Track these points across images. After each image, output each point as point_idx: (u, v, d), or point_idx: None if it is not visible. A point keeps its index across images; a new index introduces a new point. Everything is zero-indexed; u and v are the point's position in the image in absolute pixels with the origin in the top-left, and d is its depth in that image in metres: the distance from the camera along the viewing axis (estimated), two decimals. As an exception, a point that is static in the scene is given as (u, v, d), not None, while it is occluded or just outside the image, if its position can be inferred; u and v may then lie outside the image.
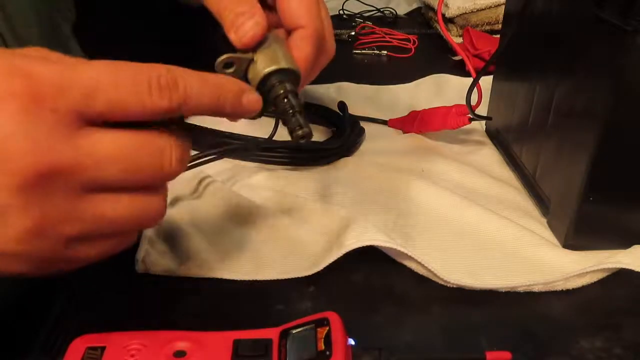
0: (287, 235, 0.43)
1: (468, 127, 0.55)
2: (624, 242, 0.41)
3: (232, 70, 0.33)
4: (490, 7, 0.87)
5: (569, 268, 0.40)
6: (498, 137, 0.57)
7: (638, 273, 0.39)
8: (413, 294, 0.39)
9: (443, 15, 0.90)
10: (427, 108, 0.58)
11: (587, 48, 0.39)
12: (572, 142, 0.41)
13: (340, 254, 0.40)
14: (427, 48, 0.90)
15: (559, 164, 0.43)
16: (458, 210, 0.46)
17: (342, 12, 1.07)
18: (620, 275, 0.39)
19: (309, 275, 0.40)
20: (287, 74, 0.34)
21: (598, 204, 0.40)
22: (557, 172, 0.44)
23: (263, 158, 0.53)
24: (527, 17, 0.48)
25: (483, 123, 0.61)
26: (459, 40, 0.85)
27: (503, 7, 0.73)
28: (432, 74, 0.75)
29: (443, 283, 0.39)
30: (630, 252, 0.40)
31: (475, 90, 0.50)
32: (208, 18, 0.36)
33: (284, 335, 0.31)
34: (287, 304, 0.38)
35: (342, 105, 0.59)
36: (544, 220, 0.46)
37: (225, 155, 0.51)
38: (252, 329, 0.32)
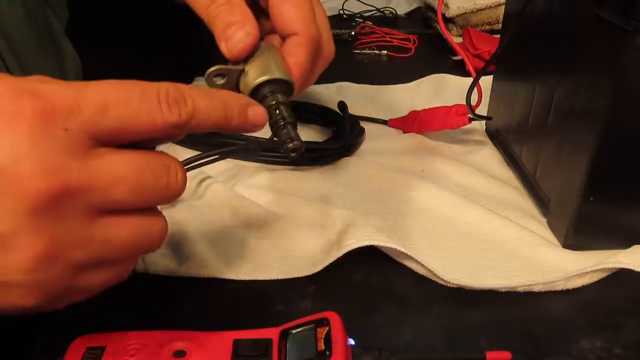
0: (287, 235, 0.43)
1: (468, 127, 0.55)
2: (624, 242, 0.41)
3: (223, 82, 0.33)
4: (490, 7, 0.87)
5: (569, 268, 0.40)
6: (498, 137, 0.57)
7: (638, 273, 0.39)
8: (413, 294, 0.39)
9: (443, 15, 0.90)
10: (427, 108, 0.58)
11: (587, 48, 0.39)
12: (572, 142, 0.41)
13: (340, 254, 0.40)
14: (427, 48, 0.90)
15: (559, 164, 0.43)
16: (458, 210, 0.46)
17: (342, 12, 1.07)
18: (620, 275, 0.40)
19: (309, 275, 0.40)
20: (279, 85, 0.33)
21: (598, 204, 0.40)
22: (557, 172, 0.44)
23: (264, 158, 0.53)
24: (527, 17, 0.48)
25: (483, 123, 0.61)
26: (459, 40, 0.85)
27: (503, 7, 0.73)
28: (432, 74, 0.75)
29: (443, 283, 0.39)
30: (630, 252, 0.40)
31: (475, 90, 0.50)
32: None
33: (284, 335, 0.31)
34: (287, 304, 0.38)
35: (342, 105, 0.59)
36: (544, 220, 0.46)
37: (227, 156, 0.51)
38: (252, 329, 0.32)
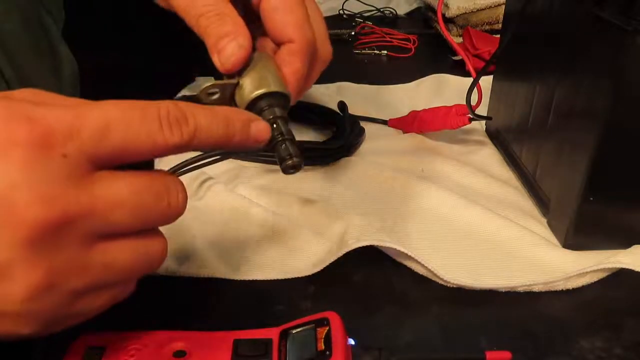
0: (287, 236, 0.43)
1: (468, 127, 0.55)
2: (624, 242, 0.41)
3: (217, 97, 0.32)
4: (490, 7, 0.87)
5: (569, 268, 0.40)
6: (498, 137, 0.57)
7: (638, 273, 0.39)
8: (413, 294, 0.39)
9: (443, 15, 0.90)
10: (427, 108, 0.58)
11: (587, 48, 0.39)
12: (572, 142, 0.41)
13: (340, 254, 0.40)
14: (427, 48, 0.90)
15: (559, 164, 0.43)
16: (458, 210, 0.46)
17: (342, 12, 1.07)
18: (620, 275, 0.40)
19: (309, 275, 0.40)
20: (276, 98, 0.32)
21: (598, 204, 0.40)
22: (557, 172, 0.44)
23: (264, 158, 0.53)
24: (527, 17, 0.48)
25: (483, 123, 0.61)
26: (459, 40, 0.85)
27: (503, 7, 0.73)
28: (432, 74, 0.75)
29: (443, 283, 0.39)
30: (630, 252, 0.40)
31: (475, 90, 0.50)
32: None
33: (284, 335, 0.31)
34: (287, 304, 0.38)
35: (342, 105, 0.59)
36: (544, 220, 0.46)
37: (228, 156, 0.51)
38: (252, 329, 0.32)
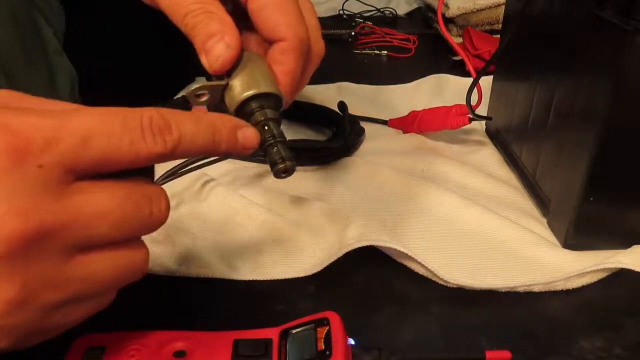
0: (287, 236, 0.43)
1: (468, 127, 0.55)
2: (624, 242, 0.41)
3: (206, 99, 0.31)
4: (490, 7, 0.87)
5: (569, 268, 0.40)
6: (498, 137, 0.57)
7: (638, 273, 0.39)
8: (413, 294, 0.39)
9: (443, 15, 0.90)
10: (427, 108, 0.58)
11: (587, 48, 0.39)
12: (572, 142, 0.41)
13: (340, 254, 0.40)
14: (427, 48, 0.90)
15: (559, 164, 0.43)
16: (458, 210, 0.46)
17: (342, 12, 1.07)
18: (620, 275, 0.40)
19: (309, 275, 0.40)
20: (267, 99, 0.31)
21: (598, 204, 0.40)
22: (557, 172, 0.44)
23: (264, 158, 0.53)
24: (527, 17, 0.48)
25: (483, 123, 0.61)
26: (459, 40, 0.85)
27: (503, 7, 0.73)
28: (432, 74, 0.75)
29: (443, 283, 0.39)
30: (630, 252, 0.40)
31: (475, 90, 0.50)
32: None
33: (284, 335, 0.31)
34: (287, 304, 0.38)
35: (342, 105, 0.59)
36: (544, 220, 0.46)
37: (228, 156, 0.51)
38: (252, 329, 0.32)
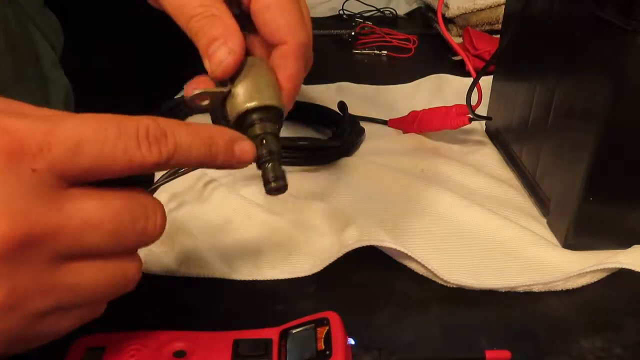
0: (287, 235, 0.43)
1: (468, 127, 0.55)
2: (624, 242, 0.41)
3: (207, 103, 0.31)
4: (490, 7, 0.87)
5: (569, 268, 0.40)
6: (498, 137, 0.57)
7: (638, 273, 0.39)
8: (413, 294, 0.39)
9: (443, 15, 0.90)
10: (427, 108, 0.58)
11: (587, 48, 0.39)
12: (572, 142, 0.41)
13: (340, 254, 0.40)
14: (427, 48, 0.90)
15: (559, 164, 0.43)
16: (458, 210, 0.46)
17: (342, 12, 1.07)
18: (620, 275, 0.40)
19: (309, 275, 0.40)
20: (268, 112, 0.31)
21: (598, 204, 0.40)
22: (557, 172, 0.44)
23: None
24: (527, 17, 0.48)
25: (483, 123, 0.61)
26: (459, 40, 0.85)
27: (503, 7, 0.73)
28: (432, 74, 0.75)
29: (443, 283, 0.39)
30: (630, 252, 0.40)
31: (475, 90, 0.50)
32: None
33: (284, 335, 0.31)
34: (287, 304, 0.38)
35: (342, 105, 0.59)
36: (544, 220, 0.46)
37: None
38: (252, 329, 0.32)
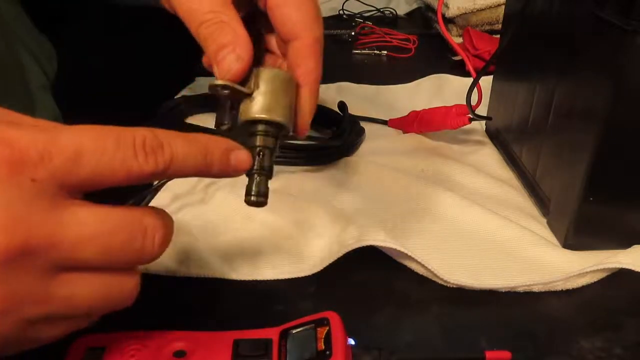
0: (287, 236, 0.43)
1: (468, 127, 0.55)
2: (624, 242, 0.41)
3: (226, 94, 0.31)
4: (490, 7, 0.87)
5: (569, 268, 0.40)
6: (498, 137, 0.57)
7: (638, 273, 0.39)
8: (413, 294, 0.39)
9: (443, 15, 0.90)
10: (427, 108, 0.58)
11: (587, 48, 0.39)
12: (572, 142, 0.41)
13: (340, 254, 0.40)
14: (427, 48, 0.90)
15: (559, 164, 0.43)
16: (458, 210, 0.46)
17: (342, 12, 1.07)
18: (620, 275, 0.40)
19: (309, 275, 0.40)
20: (275, 127, 0.32)
21: (598, 204, 0.40)
22: (557, 172, 0.44)
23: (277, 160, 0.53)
24: (527, 17, 0.48)
25: (483, 123, 0.61)
26: (459, 40, 0.85)
27: (503, 7, 0.73)
28: (432, 74, 0.75)
29: (443, 283, 0.39)
30: (630, 252, 0.40)
31: (475, 90, 0.50)
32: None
33: (284, 335, 0.31)
34: (287, 304, 0.38)
35: (342, 105, 0.59)
36: (544, 220, 0.46)
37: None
38: (252, 329, 0.32)
